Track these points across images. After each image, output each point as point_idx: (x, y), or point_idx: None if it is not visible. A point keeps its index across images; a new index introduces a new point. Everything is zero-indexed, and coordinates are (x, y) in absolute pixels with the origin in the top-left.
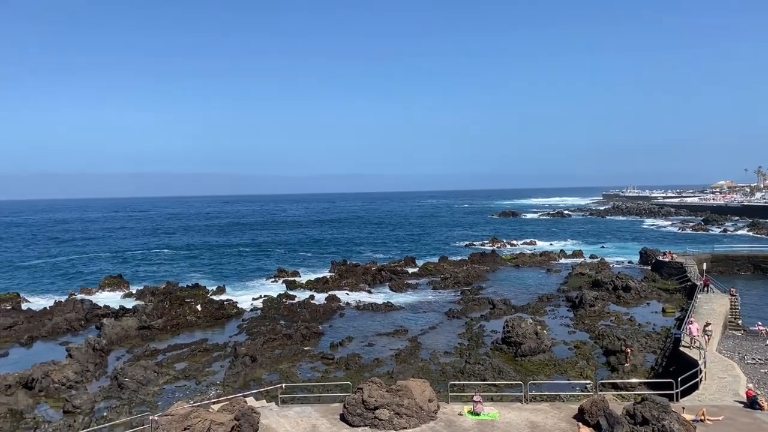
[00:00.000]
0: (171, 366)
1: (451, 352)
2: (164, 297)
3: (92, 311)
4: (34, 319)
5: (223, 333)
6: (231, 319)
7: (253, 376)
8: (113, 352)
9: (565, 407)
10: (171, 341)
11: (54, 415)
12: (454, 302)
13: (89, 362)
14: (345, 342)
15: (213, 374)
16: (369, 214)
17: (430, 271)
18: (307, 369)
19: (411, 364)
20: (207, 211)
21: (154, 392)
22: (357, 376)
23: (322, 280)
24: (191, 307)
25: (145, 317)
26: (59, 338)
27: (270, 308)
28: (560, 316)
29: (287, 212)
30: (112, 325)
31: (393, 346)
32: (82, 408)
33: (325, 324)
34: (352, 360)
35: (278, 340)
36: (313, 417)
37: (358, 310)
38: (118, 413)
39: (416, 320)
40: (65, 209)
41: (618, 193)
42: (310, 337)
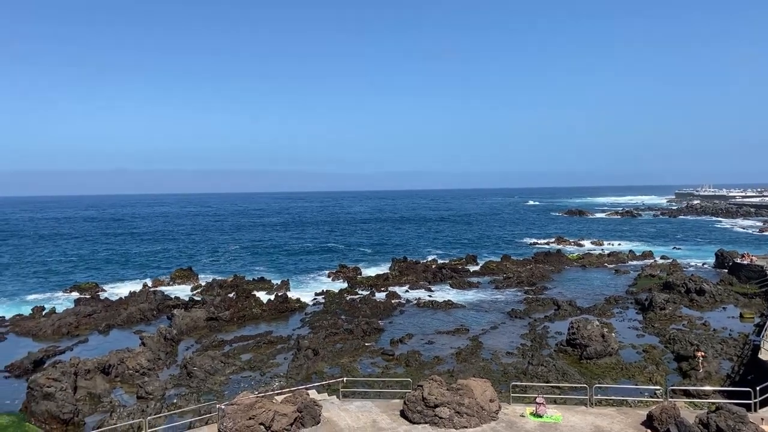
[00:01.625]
0: (237, 357)
1: (514, 352)
2: (231, 290)
3: (164, 302)
4: (110, 309)
5: (287, 326)
6: (294, 312)
7: (315, 369)
8: (183, 342)
9: (633, 413)
10: (237, 333)
11: (128, 399)
12: (517, 302)
13: (161, 351)
14: (405, 339)
15: (277, 366)
16: (429, 212)
17: (492, 270)
18: (368, 364)
19: (472, 364)
20: (271, 207)
21: (220, 381)
22: (417, 373)
23: (382, 276)
24: (257, 300)
25: (213, 309)
26: (133, 327)
27: (331, 303)
28: (628, 318)
29: (348, 209)
30: (182, 316)
31: (453, 345)
32: (154, 394)
33: (386, 320)
34: (413, 357)
35: (339, 335)
36: (373, 412)
37: (418, 308)
38: (187, 401)
39: (477, 319)
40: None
41: (692, 192)
42: (370, 332)
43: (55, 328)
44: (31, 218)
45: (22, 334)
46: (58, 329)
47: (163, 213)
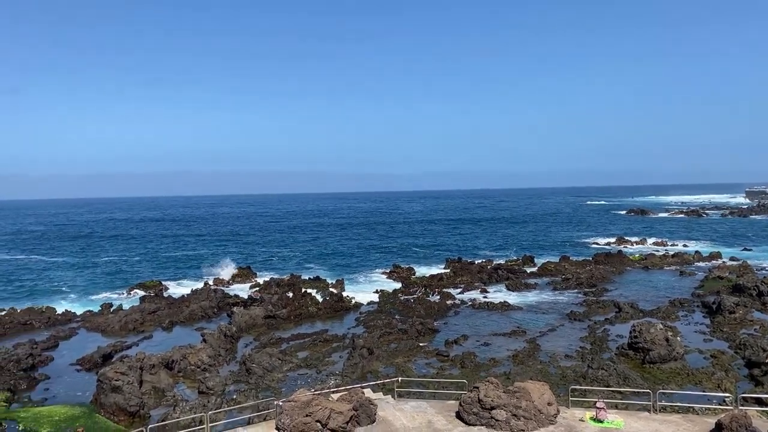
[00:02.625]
0: (294, 354)
1: (573, 355)
2: (288, 288)
3: (224, 300)
4: (173, 306)
5: (342, 325)
6: (349, 311)
7: (370, 368)
8: (242, 339)
9: (700, 421)
10: (294, 330)
11: (190, 394)
12: (576, 304)
13: (221, 347)
14: (460, 340)
15: (332, 364)
16: (483, 212)
17: (550, 271)
18: (422, 364)
19: (529, 366)
20: (322, 208)
21: (278, 378)
22: (473, 375)
23: (436, 277)
24: (312, 299)
25: (271, 307)
26: (195, 324)
27: (386, 303)
28: (694, 322)
29: (400, 209)
30: (241, 314)
31: (510, 347)
32: (215, 390)
33: (440, 321)
34: (468, 358)
35: (394, 335)
36: (428, 412)
37: (474, 309)
38: (246, 396)
39: (535, 321)
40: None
41: (765, 190)
42: (425, 333)
43: (122, 324)
44: (98, 219)
45: (92, 329)
46: (125, 325)
47: (223, 213)
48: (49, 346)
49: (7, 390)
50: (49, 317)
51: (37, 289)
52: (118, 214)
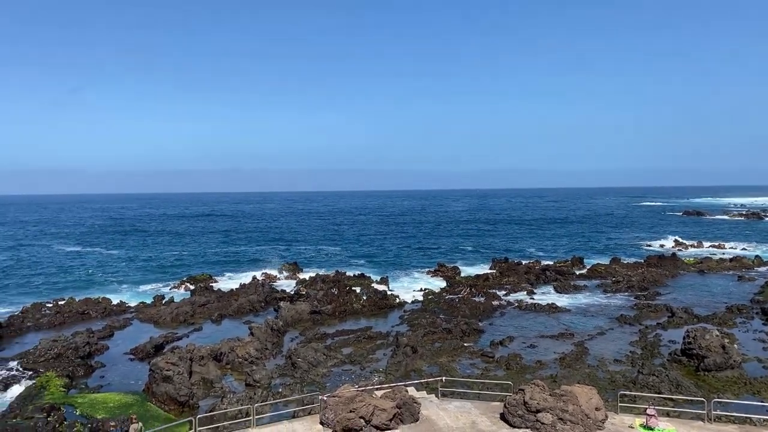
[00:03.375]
0: (338, 350)
1: (622, 360)
2: (333, 285)
3: (271, 294)
4: (223, 299)
5: (386, 322)
6: (393, 309)
7: (413, 366)
8: (288, 333)
9: None
10: (339, 327)
11: (237, 386)
12: (627, 307)
13: (268, 341)
14: (506, 341)
15: (376, 361)
16: (530, 211)
17: (600, 273)
18: (467, 365)
19: (576, 370)
20: (369, 205)
21: (322, 373)
22: (518, 377)
23: (482, 277)
24: (357, 296)
25: (317, 303)
26: (243, 317)
27: (430, 302)
28: (753, 329)
29: (447, 207)
30: (287, 308)
31: (557, 349)
32: (261, 382)
33: (485, 321)
34: (513, 360)
35: (438, 334)
36: (472, 413)
37: (520, 310)
38: (291, 390)
39: (583, 324)
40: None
41: None
42: (469, 333)
43: (173, 316)
44: (152, 214)
45: (144, 320)
46: (176, 317)
47: (270, 209)
48: (105, 336)
49: (66, 376)
50: (105, 307)
51: (94, 280)
52: (170, 209)
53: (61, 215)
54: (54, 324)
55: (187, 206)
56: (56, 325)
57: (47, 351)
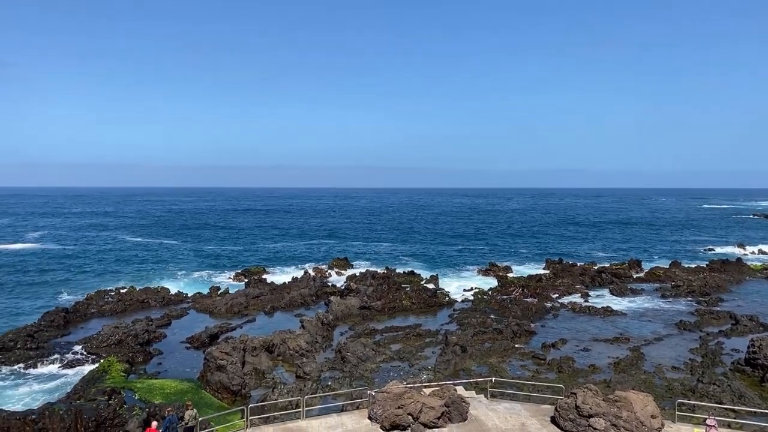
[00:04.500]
0: (387, 346)
1: (680, 367)
2: (383, 281)
3: (322, 288)
4: (275, 292)
5: (435, 320)
6: (443, 307)
7: (462, 365)
8: (338, 328)
9: None
10: (388, 323)
11: (288, 377)
12: (687, 313)
13: (318, 334)
14: (558, 344)
15: (425, 359)
16: (586, 211)
17: (658, 277)
18: (517, 366)
19: (632, 375)
20: (419, 202)
21: (371, 369)
22: (570, 380)
23: (535, 277)
24: (406, 293)
25: (366, 298)
26: (294, 310)
27: (480, 301)
28: None
29: (500, 206)
30: (338, 303)
31: (611, 354)
32: (311, 375)
33: (537, 323)
34: (566, 363)
35: (488, 334)
36: (522, 415)
37: (574, 312)
38: (340, 384)
39: (640, 329)
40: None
41: None
42: (521, 334)
43: (227, 307)
44: (209, 208)
45: (201, 310)
46: (231, 308)
47: (321, 205)
48: (163, 324)
49: (126, 361)
50: (164, 297)
51: (154, 270)
52: (226, 204)
53: (125, 207)
54: (116, 311)
55: (240, 201)
56: (118, 313)
57: (109, 337)
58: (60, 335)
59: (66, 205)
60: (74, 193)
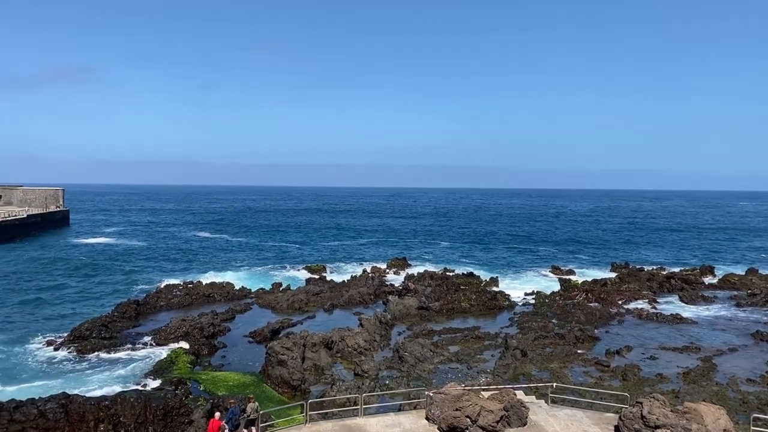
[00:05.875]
0: (445, 347)
1: (757, 380)
2: (441, 282)
3: (380, 288)
4: (335, 290)
5: (495, 323)
6: (503, 310)
7: (522, 370)
8: (396, 327)
9: None
10: (446, 324)
11: (346, 375)
12: (764, 323)
13: (376, 333)
14: (623, 351)
15: (483, 362)
16: (652, 214)
17: (733, 284)
18: (579, 372)
19: (702, 387)
20: (482, 203)
21: (429, 369)
22: (635, 389)
23: (600, 282)
24: (465, 295)
25: (424, 299)
26: (353, 308)
27: (542, 305)
28: None
29: (569, 208)
30: (396, 303)
31: (680, 363)
32: (369, 373)
33: (601, 329)
34: (631, 371)
35: (550, 339)
36: (584, 423)
37: (640, 319)
38: (397, 383)
39: (711, 338)
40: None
41: None
42: (583, 340)
43: (289, 303)
44: (275, 206)
45: (263, 305)
46: (292, 304)
47: (379, 204)
48: (227, 318)
49: (192, 353)
50: (228, 292)
51: (219, 265)
52: (289, 201)
53: (191, 204)
54: (183, 304)
55: (300, 200)
56: (185, 306)
57: (177, 329)
58: (131, 326)
59: (135, 202)
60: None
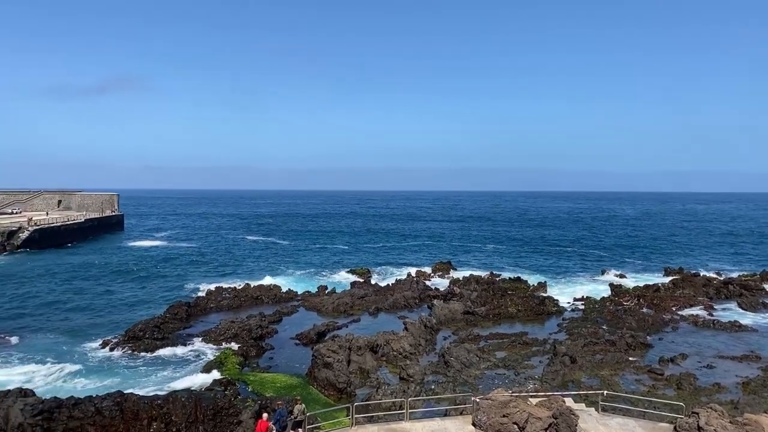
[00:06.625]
0: (492, 353)
1: None
2: (487, 286)
3: (425, 292)
4: (379, 293)
5: (543, 329)
6: (551, 316)
7: (571, 377)
8: (441, 332)
9: None
10: (492, 329)
11: (392, 378)
12: None
13: (421, 337)
14: (677, 359)
15: (531, 368)
16: (708, 217)
17: None
18: (631, 380)
19: (763, 398)
20: (528, 206)
21: (475, 375)
22: (691, 399)
23: (652, 287)
24: (512, 300)
25: (470, 303)
26: (398, 312)
27: (592, 310)
28: None
29: (617, 211)
30: (441, 307)
31: (740, 373)
32: (414, 377)
33: (654, 336)
34: (686, 380)
35: (600, 345)
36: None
37: (695, 326)
38: (443, 388)
39: None
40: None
41: None
42: (635, 347)
43: (334, 306)
44: (318, 210)
45: (309, 308)
46: (337, 307)
47: (423, 208)
48: (275, 320)
49: (241, 355)
50: (276, 294)
51: (267, 268)
52: (335, 205)
53: (240, 209)
54: (232, 307)
55: (345, 203)
56: (234, 308)
57: (226, 331)
58: (182, 327)
59: (187, 207)
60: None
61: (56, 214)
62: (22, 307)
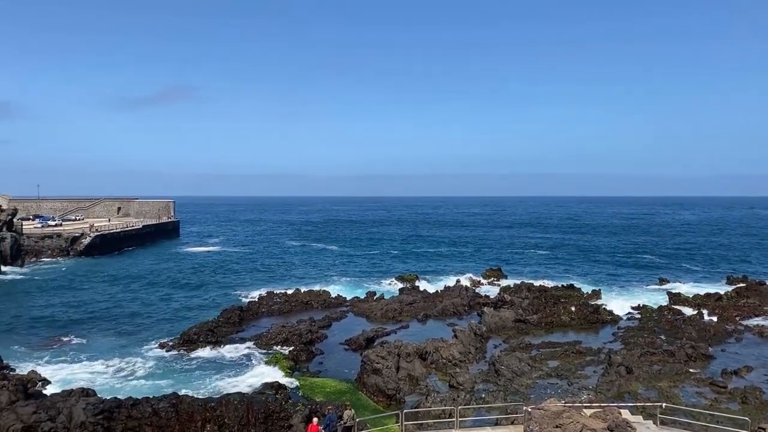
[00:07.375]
0: (544, 362)
1: None
2: (539, 294)
3: (474, 299)
4: (428, 300)
5: (597, 338)
6: (606, 325)
7: (627, 388)
8: (491, 340)
9: None
10: (544, 338)
11: (441, 386)
12: None
13: (471, 345)
14: (742, 371)
15: (585, 378)
16: None
17: None
18: (692, 393)
19: None
20: (579, 212)
21: (527, 384)
22: (757, 413)
23: (713, 296)
24: (565, 308)
25: (522, 311)
26: (447, 319)
27: (649, 320)
28: None
29: (674, 216)
30: (491, 314)
31: None
32: (464, 386)
33: (716, 347)
34: (752, 393)
35: (657, 356)
36: None
37: (761, 337)
38: (494, 397)
39: None
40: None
41: None
42: (696, 358)
43: (383, 312)
44: (366, 216)
45: (358, 313)
46: (386, 313)
47: (472, 215)
48: (324, 325)
49: (291, 359)
50: (325, 299)
51: (317, 274)
52: (383, 212)
53: (290, 215)
54: (283, 311)
55: (393, 210)
56: (284, 313)
57: (277, 335)
58: (235, 331)
59: (239, 213)
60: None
61: (116, 221)
62: (85, 310)
